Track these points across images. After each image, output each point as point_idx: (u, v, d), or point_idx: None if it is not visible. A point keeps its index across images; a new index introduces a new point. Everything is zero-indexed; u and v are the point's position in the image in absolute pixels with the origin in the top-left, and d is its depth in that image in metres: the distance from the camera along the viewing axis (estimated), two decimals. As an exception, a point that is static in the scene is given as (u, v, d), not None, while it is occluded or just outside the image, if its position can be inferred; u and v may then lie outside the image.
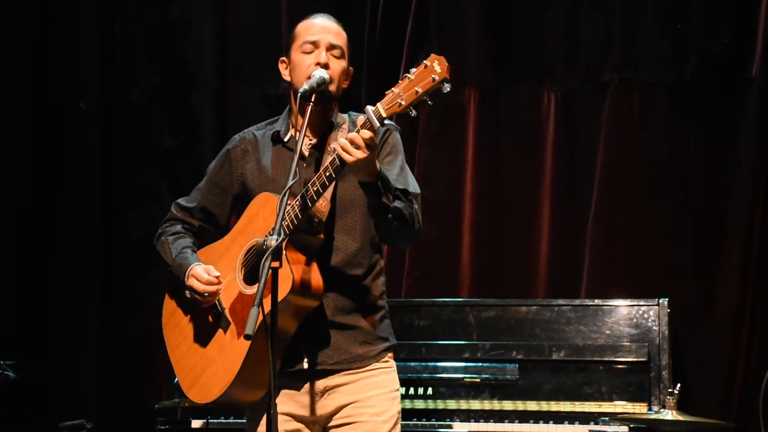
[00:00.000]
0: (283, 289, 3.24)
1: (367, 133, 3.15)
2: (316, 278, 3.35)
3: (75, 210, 5.86)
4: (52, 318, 5.81)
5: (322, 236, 3.39)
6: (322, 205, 3.35)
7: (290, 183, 3.17)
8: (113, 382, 5.74)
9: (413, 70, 3.12)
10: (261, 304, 2.97)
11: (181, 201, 3.74)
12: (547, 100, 5.40)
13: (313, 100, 3.36)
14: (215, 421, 4.68)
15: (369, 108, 3.16)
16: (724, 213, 5.15)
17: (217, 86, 5.83)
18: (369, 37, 5.52)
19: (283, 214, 3.16)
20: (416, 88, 3.10)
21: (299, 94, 3.36)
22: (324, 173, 3.27)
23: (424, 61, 3.11)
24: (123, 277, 5.82)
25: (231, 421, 4.67)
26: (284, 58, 3.57)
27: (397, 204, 3.30)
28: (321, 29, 3.51)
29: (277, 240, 3.04)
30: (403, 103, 3.11)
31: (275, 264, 3.04)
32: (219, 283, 3.46)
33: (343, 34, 3.54)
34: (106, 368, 5.76)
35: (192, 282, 3.47)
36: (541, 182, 5.35)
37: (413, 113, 3.13)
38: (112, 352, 5.76)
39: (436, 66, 3.09)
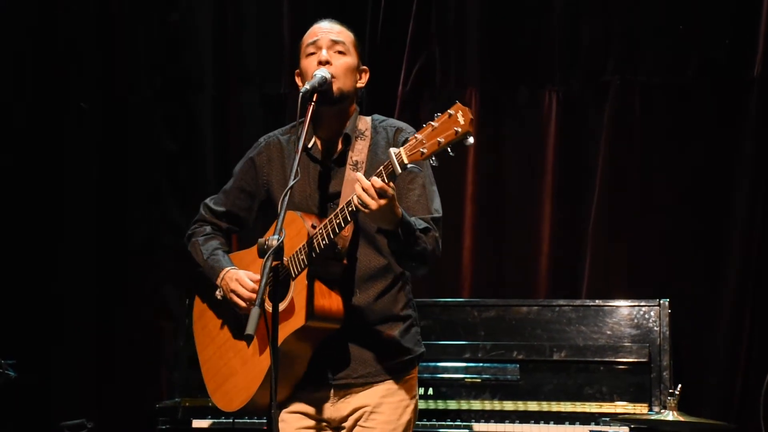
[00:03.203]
0: (299, 319, 3.30)
1: (378, 182, 3.12)
2: (337, 304, 3.36)
3: (76, 211, 5.86)
4: (53, 317, 5.81)
5: (345, 262, 3.41)
6: (345, 230, 3.33)
7: (291, 183, 3.17)
8: (114, 381, 5.74)
9: (437, 116, 3.06)
10: (262, 304, 2.98)
11: (210, 203, 3.74)
12: (549, 101, 5.41)
13: (314, 99, 3.35)
14: (218, 420, 4.68)
15: (392, 152, 3.12)
16: (725, 213, 5.15)
17: (217, 89, 5.83)
18: (370, 39, 5.52)
19: (284, 214, 3.16)
20: (439, 138, 3.04)
21: (300, 94, 3.34)
22: (340, 213, 3.25)
23: (449, 110, 3.05)
24: (123, 277, 5.82)
25: (235, 421, 4.67)
26: (298, 70, 3.57)
27: (418, 248, 3.30)
28: (321, 30, 3.51)
29: (278, 240, 3.05)
30: (425, 152, 3.06)
31: (276, 263, 3.06)
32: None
33: (347, 33, 3.53)
34: (107, 368, 5.76)
35: (236, 286, 3.46)
36: (543, 183, 5.36)
37: (434, 163, 3.08)
38: (112, 352, 5.76)
39: (459, 117, 3.02)
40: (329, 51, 3.46)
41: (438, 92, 5.50)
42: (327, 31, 3.51)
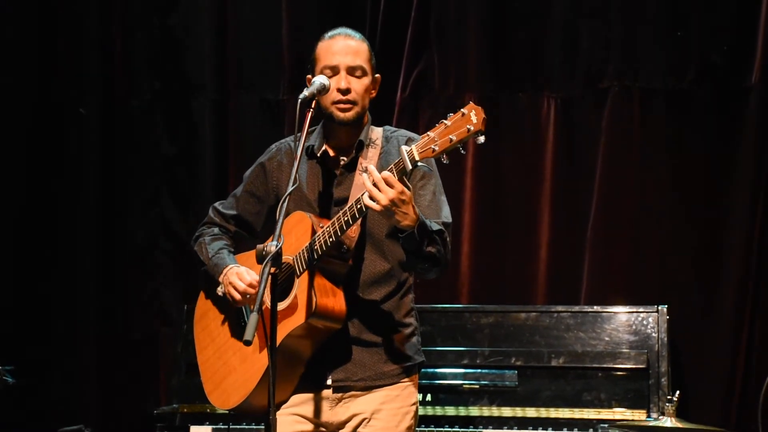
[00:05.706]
0: (301, 316, 3.31)
1: (388, 175, 3.14)
2: (339, 303, 3.37)
3: (75, 215, 5.87)
4: (51, 323, 5.81)
5: (350, 262, 3.42)
6: (352, 230, 3.34)
7: (290, 189, 3.19)
8: (112, 387, 5.74)
9: (450, 115, 3.11)
10: (260, 310, 2.99)
11: (219, 206, 3.76)
12: (547, 107, 5.41)
13: (312, 106, 3.36)
14: (216, 427, 4.68)
15: (404, 149, 3.16)
16: (723, 220, 5.15)
17: (216, 93, 5.83)
18: (369, 43, 5.52)
19: (284, 220, 3.18)
20: (451, 136, 3.08)
21: (299, 100, 3.34)
22: (348, 211, 3.27)
23: (462, 109, 3.09)
24: (122, 282, 5.82)
25: (232, 427, 4.67)
26: (309, 76, 3.55)
27: (431, 249, 3.31)
28: (339, 51, 3.48)
29: (276, 246, 3.06)
30: (437, 149, 3.10)
31: (273, 270, 3.07)
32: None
33: (363, 48, 3.51)
34: (105, 373, 5.76)
35: (234, 280, 3.47)
36: (541, 189, 5.36)
37: (445, 161, 3.12)
38: (111, 358, 5.76)
39: (472, 116, 3.07)
40: (348, 77, 3.46)
41: (437, 97, 5.50)
42: (344, 52, 3.47)
